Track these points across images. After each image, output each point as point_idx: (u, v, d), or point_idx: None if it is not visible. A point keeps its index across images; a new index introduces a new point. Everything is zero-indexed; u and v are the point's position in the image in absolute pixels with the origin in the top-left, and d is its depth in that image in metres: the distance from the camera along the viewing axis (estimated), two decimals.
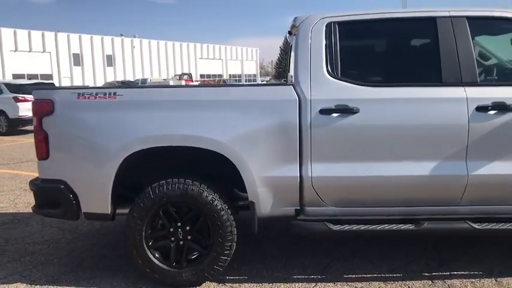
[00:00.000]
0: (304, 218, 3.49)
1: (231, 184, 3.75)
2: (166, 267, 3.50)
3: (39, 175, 3.65)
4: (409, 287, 3.45)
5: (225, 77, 67.28)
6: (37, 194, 3.66)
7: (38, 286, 3.65)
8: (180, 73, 51.91)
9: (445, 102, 3.38)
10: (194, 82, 43.96)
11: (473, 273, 3.63)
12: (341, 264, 3.90)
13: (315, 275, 3.70)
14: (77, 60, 53.18)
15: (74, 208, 3.51)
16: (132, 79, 49.81)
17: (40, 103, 3.51)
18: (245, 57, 79.11)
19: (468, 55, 3.43)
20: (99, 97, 3.44)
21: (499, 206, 3.46)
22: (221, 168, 3.50)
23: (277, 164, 3.40)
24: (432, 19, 3.50)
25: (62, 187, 3.49)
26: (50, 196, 3.58)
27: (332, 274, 3.71)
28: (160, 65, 63.25)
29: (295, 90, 3.42)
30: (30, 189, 3.74)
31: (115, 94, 3.44)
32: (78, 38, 53.66)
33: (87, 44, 54.54)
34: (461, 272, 3.65)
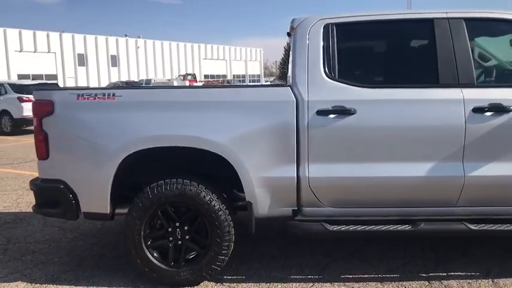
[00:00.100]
0: (301, 219, 3.51)
1: (229, 184, 3.78)
2: (164, 266, 3.53)
3: (39, 175, 3.69)
4: None
5: (229, 78, 67.30)
6: (37, 194, 3.70)
7: (38, 285, 3.69)
8: (184, 73, 52.05)
9: (442, 103, 3.39)
10: (198, 83, 44.06)
11: (470, 274, 3.64)
12: (339, 264, 3.91)
13: (313, 275, 3.71)
14: (82, 60, 53.44)
15: (74, 208, 3.55)
16: (137, 79, 49.96)
17: (40, 104, 3.55)
18: (249, 57, 79.17)
19: (465, 56, 3.43)
20: (98, 98, 3.48)
21: (496, 207, 3.46)
22: (219, 168, 3.53)
23: (274, 165, 3.42)
24: (430, 20, 3.51)
25: (62, 187, 3.53)
26: (50, 196, 3.61)
27: (330, 274, 3.72)
28: (164, 66, 63.43)
29: (292, 91, 3.44)
30: (30, 188, 3.78)
31: (114, 95, 3.48)
32: (82, 39, 53.96)
33: (91, 45, 54.82)
34: (458, 273, 3.66)
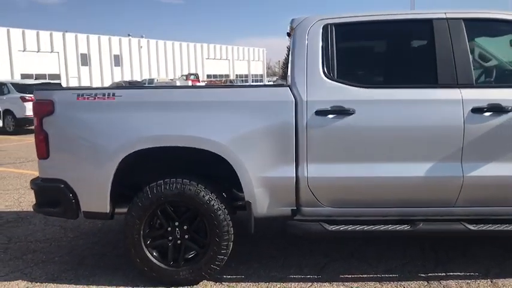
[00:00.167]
0: (300, 218, 3.52)
1: (229, 184, 3.80)
2: (164, 266, 3.54)
3: (39, 174, 3.71)
4: None
5: (232, 77, 67.32)
6: (37, 193, 3.72)
7: (38, 284, 3.71)
8: (187, 73, 52.10)
9: (441, 103, 3.39)
10: (201, 82, 44.08)
11: (469, 274, 3.64)
12: (338, 264, 3.92)
13: (312, 275, 3.72)
14: (85, 60, 53.53)
15: (74, 207, 3.57)
16: (139, 79, 50.03)
17: (40, 103, 3.57)
18: (252, 57, 79.13)
19: (464, 57, 3.44)
20: (98, 98, 3.49)
21: (495, 207, 3.46)
22: (218, 168, 3.54)
23: (273, 165, 3.43)
24: (428, 21, 3.51)
25: (62, 186, 3.55)
26: (50, 195, 3.63)
27: (328, 274, 3.73)
28: (167, 65, 63.47)
29: (291, 91, 3.45)
30: (30, 188, 3.80)
31: (113, 95, 3.49)
32: (85, 38, 54.03)
33: (94, 44, 54.90)
34: (457, 273, 3.66)
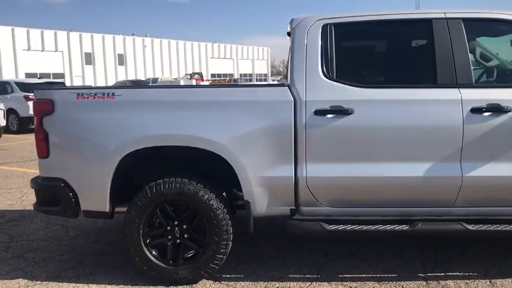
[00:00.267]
0: (299, 218, 3.52)
1: (228, 183, 3.80)
2: (163, 264, 3.55)
3: (39, 173, 3.73)
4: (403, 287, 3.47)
5: (236, 77, 67.32)
6: (38, 192, 3.74)
7: (39, 282, 3.73)
8: (191, 72, 52.13)
9: (440, 103, 3.38)
10: (205, 81, 44.10)
11: (468, 274, 3.64)
12: (337, 264, 3.92)
13: (311, 274, 3.72)
14: (89, 59, 53.69)
15: (73, 206, 3.58)
16: (143, 78, 50.10)
17: (40, 103, 3.59)
18: (256, 56, 79.13)
19: (464, 57, 3.43)
20: (97, 97, 3.51)
21: (494, 208, 3.46)
22: (218, 167, 3.55)
23: (272, 164, 3.43)
24: (428, 21, 3.51)
25: (62, 185, 3.56)
26: (50, 194, 3.65)
27: (328, 274, 3.73)
28: (171, 64, 63.55)
29: (290, 91, 3.45)
30: (31, 186, 3.82)
31: (113, 94, 3.51)
32: (90, 37, 54.18)
33: (98, 43, 55.04)
34: (456, 273, 3.65)
